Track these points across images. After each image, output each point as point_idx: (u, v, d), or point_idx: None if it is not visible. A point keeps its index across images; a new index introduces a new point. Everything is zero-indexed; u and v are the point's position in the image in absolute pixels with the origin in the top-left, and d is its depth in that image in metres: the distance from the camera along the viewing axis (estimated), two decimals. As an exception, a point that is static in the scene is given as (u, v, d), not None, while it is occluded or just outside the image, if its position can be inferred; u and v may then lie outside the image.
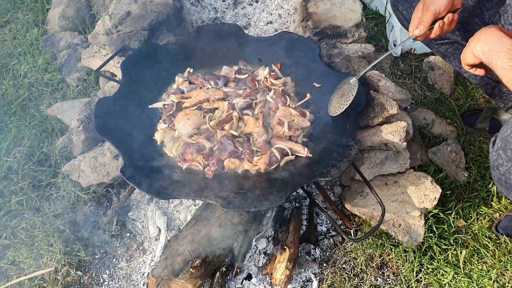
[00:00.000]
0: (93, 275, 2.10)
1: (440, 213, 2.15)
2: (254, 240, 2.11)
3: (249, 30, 2.97)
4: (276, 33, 2.50)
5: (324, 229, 2.22)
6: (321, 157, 1.89)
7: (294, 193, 2.31)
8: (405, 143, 2.08)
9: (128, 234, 2.24)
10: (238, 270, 2.05)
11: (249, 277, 2.06)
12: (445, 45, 2.22)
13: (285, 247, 2.00)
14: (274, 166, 1.87)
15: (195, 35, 2.42)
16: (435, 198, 2.07)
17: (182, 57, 2.34)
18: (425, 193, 2.09)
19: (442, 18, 1.76)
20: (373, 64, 1.98)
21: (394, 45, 2.94)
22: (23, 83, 2.80)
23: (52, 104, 2.68)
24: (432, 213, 2.14)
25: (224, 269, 2.01)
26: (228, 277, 2.04)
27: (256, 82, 2.21)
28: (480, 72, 1.63)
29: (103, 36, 2.53)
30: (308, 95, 2.14)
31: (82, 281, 2.08)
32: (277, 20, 3.03)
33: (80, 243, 2.16)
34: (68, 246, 2.15)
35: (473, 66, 1.63)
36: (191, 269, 1.85)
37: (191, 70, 2.29)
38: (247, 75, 2.24)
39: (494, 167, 1.56)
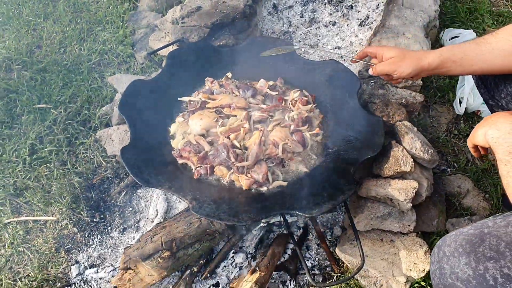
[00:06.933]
0: (86, 236, 2.27)
1: (428, 287, 1.99)
2: (231, 252, 2.13)
3: (314, 50, 2.96)
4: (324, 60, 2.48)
5: (310, 264, 2.17)
6: (311, 191, 1.85)
7: (279, 219, 2.24)
8: (410, 204, 1.96)
9: (130, 209, 2.38)
10: (208, 275, 2.09)
11: (217, 285, 2.09)
12: None
13: (257, 268, 2.00)
14: (263, 188, 1.88)
15: (248, 43, 2.48)
16: (423, 270, 1.92)
17: (228, 61, 2.43)
18: (415, 261, 1.95)
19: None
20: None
21: (460, 103, 2.76)
22: (98, 49, 3.07)
23: (115, 74, 2.91)
24: (419, 285, 1.99)
25: (195, 269, 2.07)
26: (197, 278, 2.09)
27: (283, 101, 2.22)
28: (477, 154, 1.50)
29: (169, 24, 2.69)
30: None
31: (74, 237, 2.26)
32: (346, 47, 2.98)
33: (85, 203, 2.34)
34: (76, 203, 2.34)
35: (477, 147, 1.50)
36: (159, 258, 1.92)
37: (230, 75, 2.36)
38: (277, 92, 2.26)
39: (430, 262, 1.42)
